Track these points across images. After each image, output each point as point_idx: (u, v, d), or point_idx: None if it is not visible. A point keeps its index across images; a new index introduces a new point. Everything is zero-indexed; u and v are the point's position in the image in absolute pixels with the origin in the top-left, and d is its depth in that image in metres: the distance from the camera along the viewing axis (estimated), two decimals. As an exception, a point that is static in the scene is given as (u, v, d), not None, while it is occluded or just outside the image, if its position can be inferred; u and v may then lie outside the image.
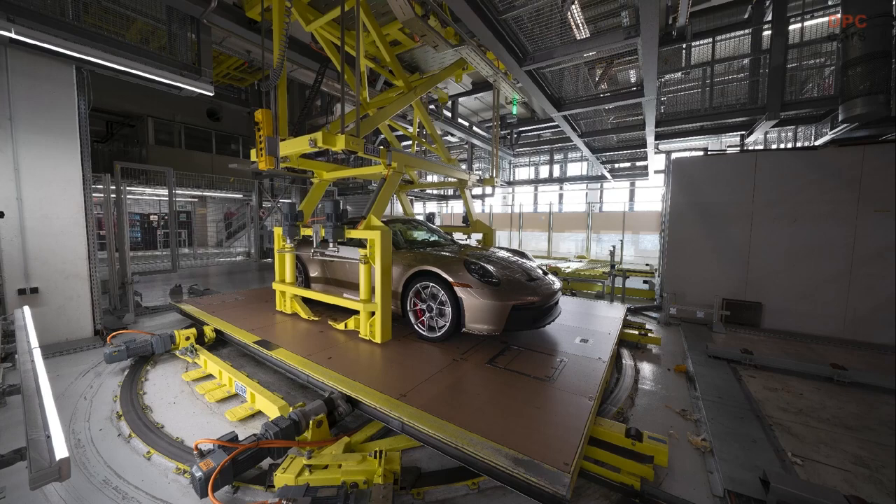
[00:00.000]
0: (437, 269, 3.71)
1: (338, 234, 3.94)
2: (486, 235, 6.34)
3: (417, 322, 3.98)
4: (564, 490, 1.79)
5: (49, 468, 1.35)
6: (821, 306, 5.31)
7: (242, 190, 12.43)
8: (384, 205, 4.17)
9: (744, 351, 4.26)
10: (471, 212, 6.23)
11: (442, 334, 3.77)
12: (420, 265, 3.86)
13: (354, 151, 3.70)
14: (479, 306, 3.49)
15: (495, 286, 3.57)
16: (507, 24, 4.56)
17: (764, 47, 6.36)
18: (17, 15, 3.82)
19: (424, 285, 3.86)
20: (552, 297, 3.96)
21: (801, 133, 8.67)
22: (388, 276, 3.74)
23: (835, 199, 5.18)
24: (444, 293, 3.69)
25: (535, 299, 3.69)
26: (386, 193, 4.21)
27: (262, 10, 4.62)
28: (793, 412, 3.21)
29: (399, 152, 4.50)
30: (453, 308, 3.64)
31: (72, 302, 4.65)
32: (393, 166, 4.36)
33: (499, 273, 3.74)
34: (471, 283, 3.55)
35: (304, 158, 4.71)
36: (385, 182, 4.29)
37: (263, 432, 2.37)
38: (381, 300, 3.71)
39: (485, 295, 3.49)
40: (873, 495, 2.25)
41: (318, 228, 4.08)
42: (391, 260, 3.82)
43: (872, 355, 4.66)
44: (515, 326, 3.61)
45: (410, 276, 3.93)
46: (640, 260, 14.03)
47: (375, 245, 3.67)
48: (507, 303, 3.50)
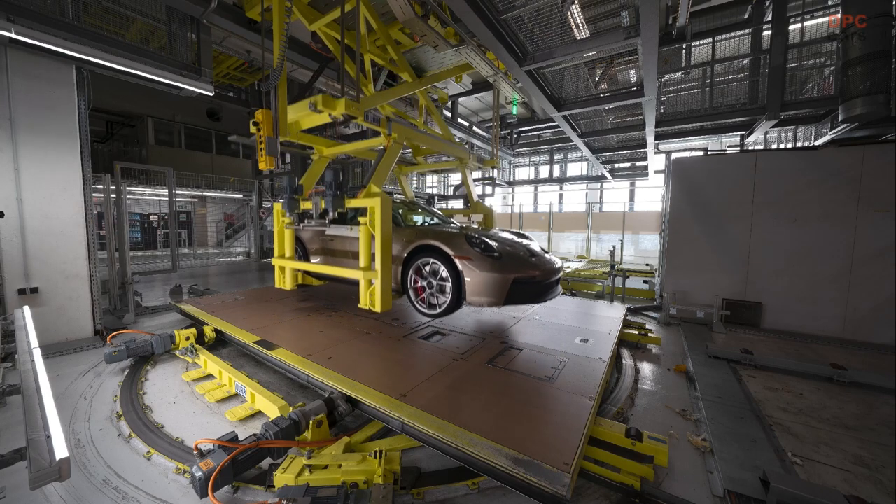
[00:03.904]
0: (437, 242, 3.69)
1: (338, 203, 3.85)
2: (487, 217, 6.25)
3: (417, 300, 3.96)
4: (564, 490, 1.79)
5: (49, 468, 1.35)
6: (821, 306, 5.31)
7: (242, 190, 12.44)
8: (384, 175, 4.05)
9: (744, 351, 4.26)
10: (471, 192, 6.11)
11: (442, 311, 3.76)
12: (421, 240, 3.85)
13: (354, 116, 3.63)
14: (481, 279, 3.48)
15: (496, 259, 3.56)
16: (507, 24, 4.57)
17: (764, 47, 6.36)
18: (17, 15, 3.82)
19: (425, 262, 3.84)
20: (553, 273, 3.99)
21: (801, 133, 8.68)
22: (387, 245, 3.67)
23: (835, 199, 5.18)
24: (444, 268, 3.67)
25: (537, 273, 3.71)
26: (386, 164, 4.10)
27: (262, 10, 4.61)
28: (793, 412, 3.21)
29: (399, 123, 4.37)
30: (454, 283, 3.62)
31: (72, 302, 4.65)
32: (393, 136, 4.25)
33: (500, 248, 3.73)
34: (472, 256, 3.54)
35: (304, 133, 4.66)
36: (385, 152, 4.19)
37: (263, 432, 2.37)
38: (381, 268, 3.64)
39: (486, 267, 3.48)
40: (873, 495, 2.25)
41: (318, 200, 4.02)
42: (391, 228, 3.75)
43: (872, 355, 4.65)
44: (516, 299, 3.59)
45: (411, 251, 3.91)
46: (640, 260, 14.02)
47: (375, 212, 3.59)
48: (509, 275, 3.50)
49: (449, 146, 5.72)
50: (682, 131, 8.07)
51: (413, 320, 4.68)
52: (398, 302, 5.77)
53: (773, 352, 4.69)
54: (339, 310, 5.14)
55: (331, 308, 5.23)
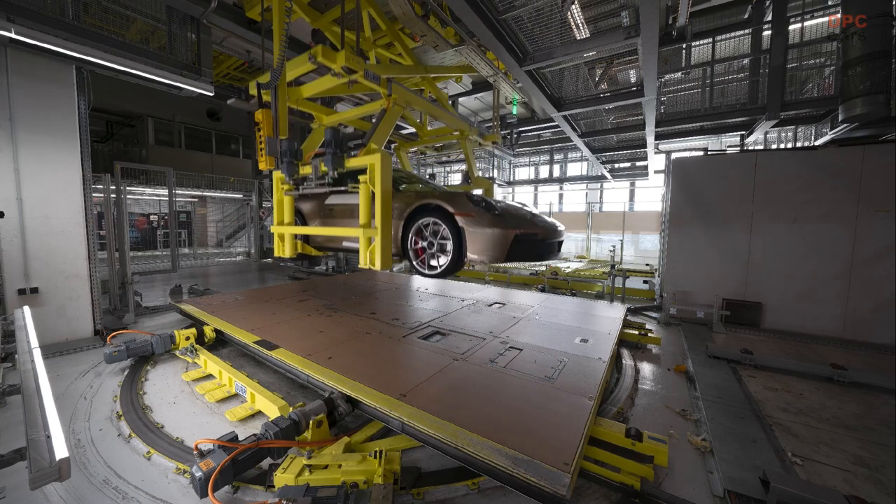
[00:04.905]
0: (438, 200, 3.71)
1: (338, 162, 3.80)
2: (487, 191, 6.12)
3: (418, 260, 3.96)
4: (564, 490, 1.79)
5: (49, 468, 1.35)
6: (821, 306, 5.31)
7: (242, 190, 12.43)
8: (384, 136, 3.99)
9: (744, 351, 4.26)
10: (472, 168, 5.94)
11: (443, 270, 3.76)
12: (421, 200, 3.86)
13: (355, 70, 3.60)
14: (482, 235, 3.49)
15: (498, 216, 3.57)
16: (507, 24, 4.56)
17: (764, 47, 6.35)
18: (17, 15, 3.82)
19: (425, 222, 3.84)
20: (554, 233, 4.02)
21: (801, 133, 8.67)
22: (388, 201, 3.62)
23: (835, 199, 5.18)
24: (445, 227, 3.67)
25: (538, 231, 3.74)
26: (386, 124, 4.04)
27: (262, 10, 4.62)
28: (793, 412, 3.21)
29: (399, 85, 4.30)
30: (455, 242, 3.62)
31: (72, 302, 4.64)
32: (393, 97, 4.19)
33: (501, 206, 3.74)
34: (473, 212, 3.55)
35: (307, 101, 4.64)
36: (385, 113, 4.13)
37: (263, 432, 2.37)
38: (381, 225, 3.59)
39: (487, 223, 3.49)
40: (873, 495, 2.25)
41: (318, 163, 3.99)
42: (391, 185, 3.71)
43: (872, 355, 4.66)
44: (517, 256, 3.59)
45: (411, 213, 3.91)
46: (640, 260, 14.02)
47: (375, 169, 3.53)
48: (510, 231, 3.50)
49: (449, 115, 5.56)
50: (682, 131, 8.06)
51: (413, 320, 4.68)
52: (399, 301, 5.77)
53: (773, 352, 4.69)
54: (339, 310, 5.14)
55: (331, 308, 5.23)
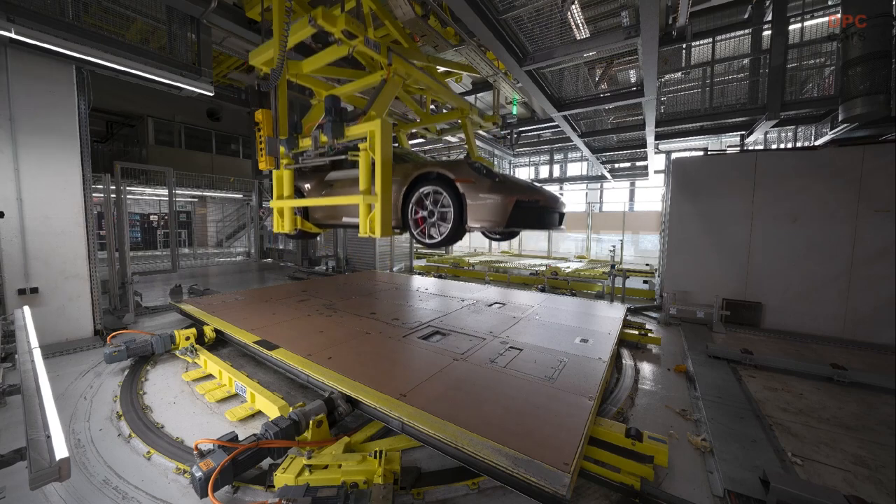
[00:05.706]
0: (439, 168, 3.70)
1: (338, 130, 3.75)
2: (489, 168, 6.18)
3: (418, 230, 3.95)
4: (564, 490, 1.79)
5: (49, 468, 1.35)
6: (821, 306, 5.31)
7: (242, 190, 12.43)
8: (384, 105, 3.97)
9: (744, 351, 4.26)
10: (473, 147, 5.86)
11: (443, 238, 3.75)
12: (421, 169, 3.85)
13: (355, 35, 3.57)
14: (483, 201, 3.47)
15: (498, 182, 3.56)
16: (507, 23, 4.56)
17: (764, 47, 6.35)
18: (17, 15, 3.82)
19: (426, 192, 3.83)
20: (556, 202, 4.04)
21: (801, 133, 8.66)
22: (388, 168, 3.61)
23: (835, 199, 5.18)
24: (446, 195, 3.66)
25: (539, 198, 3.74)
26: (386, 94, 4.01)
27: (262, 10, 4.62)
28: (793, 412, 3.21)
29: (400, 55, 4.27)
30: (455, 210, 3.61)
31: (72, 302, 4.65)
32: (393, 68, 4.17)
33: (502, 175, 3.74)
34: (473, 179, 3.53)
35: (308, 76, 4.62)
36: (385, 84, 4.10)
37: (263, 432, 2.37)
38: (381, 191, 3.57)
39: (487, 189, 3.48)
40: (873, 495, 2.25)
41: (318, 134, 3.98)
42: (391, 152, 3.70)
43: (872, 355, 4.66)
44: (518, 223, 3.57)
45: (412, 182, 3.89)
46: (640, 260, 14.02)
47: (376, 136, 3.51)
48: (511, 197, 3.47)
49: (449, 92, 5.53)
50: (682, 131, 8.06)
51: (413, 320, 4.68)
52: (399, 301, 5.77)
53: (773, 352, 4.69)
54: (339, 310, 5.14)
55: (331, 308, 5.23)
